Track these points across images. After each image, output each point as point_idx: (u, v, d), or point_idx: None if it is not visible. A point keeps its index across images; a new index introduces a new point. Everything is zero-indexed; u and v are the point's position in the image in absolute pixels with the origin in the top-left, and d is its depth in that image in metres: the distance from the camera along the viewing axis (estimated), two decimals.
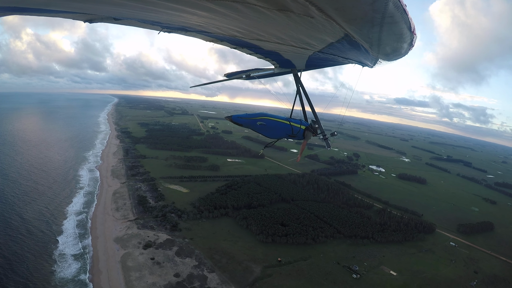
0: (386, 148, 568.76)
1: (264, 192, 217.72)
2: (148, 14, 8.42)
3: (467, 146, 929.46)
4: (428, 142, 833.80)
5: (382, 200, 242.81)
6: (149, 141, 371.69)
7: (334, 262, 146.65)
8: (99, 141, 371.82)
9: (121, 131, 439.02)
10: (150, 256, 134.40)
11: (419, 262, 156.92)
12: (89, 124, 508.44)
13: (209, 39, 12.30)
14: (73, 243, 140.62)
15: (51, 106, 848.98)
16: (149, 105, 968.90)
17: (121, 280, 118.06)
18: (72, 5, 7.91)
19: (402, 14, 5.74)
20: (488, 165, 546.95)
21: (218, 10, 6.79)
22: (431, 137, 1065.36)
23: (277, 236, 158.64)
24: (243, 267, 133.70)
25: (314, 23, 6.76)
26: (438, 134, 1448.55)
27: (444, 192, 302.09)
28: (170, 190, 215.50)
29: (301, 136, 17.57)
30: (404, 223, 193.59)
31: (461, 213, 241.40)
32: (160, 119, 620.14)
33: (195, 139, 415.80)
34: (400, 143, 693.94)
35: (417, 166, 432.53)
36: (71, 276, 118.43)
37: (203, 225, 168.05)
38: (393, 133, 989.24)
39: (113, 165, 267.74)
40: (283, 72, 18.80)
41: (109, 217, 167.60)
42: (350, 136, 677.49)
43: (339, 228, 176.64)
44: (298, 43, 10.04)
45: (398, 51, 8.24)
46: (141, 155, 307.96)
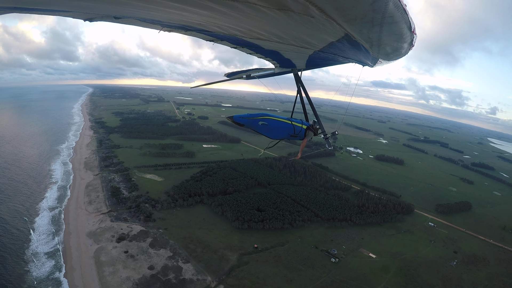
0: (364, 130, 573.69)
1: (240, 177, 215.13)
2: (149, 12, 8.34)
3: (443, 127, 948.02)
4: (405, 124, 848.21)
5: (360, 182, 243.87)
6: (124, 131, 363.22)
7: (312, 247, 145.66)
8: (72, 133, 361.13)
9: (95, 122, 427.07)
10: (124, 249, 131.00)
11: (399, 244, 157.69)
12: (63, 116, 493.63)
13: (210, 38, 12.05)
14: (46, 240, 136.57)
15: (24, 100, 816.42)
16: (124, 94, 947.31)
17: (95, 277, 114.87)
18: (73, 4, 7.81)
19: (402, 14, 5.72)
20: (465, 146, 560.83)
21: (219, 9, 6.68)
22: (408, 119, 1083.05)
23: (253, 222, 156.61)
24: (219, 255, 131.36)
25: (315, 23, 6.65)
26: (415, 116, 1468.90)
27: (421, 173, 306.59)
28: (144, 180, 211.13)
29: (302, 135, 17.78)
30: (382, 204, 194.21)
31: (439, 193, 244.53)
32: (135, 107, 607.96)
33: (170, 126, 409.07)
34: (378, 125, 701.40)
35: (394, 147, 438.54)
36: (45, 275, 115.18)
37: (177, 214, 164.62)
38: (371, 115, 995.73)
39: (86, 157, 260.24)
40: (284, 72, 18.42)
41: (82, 211, 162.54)
42: (328, 118, 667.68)
43: (317, 211, 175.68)
44: (299, 42, 10.03)
45: (399, 51, 8.22)
46: (115, 145, 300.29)
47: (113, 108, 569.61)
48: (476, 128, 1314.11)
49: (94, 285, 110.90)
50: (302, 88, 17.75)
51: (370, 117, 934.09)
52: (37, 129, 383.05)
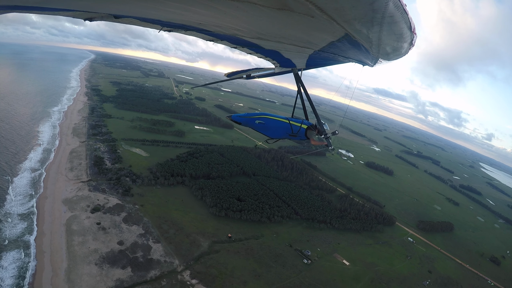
0: (359, 135, 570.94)
1: (226, 163, 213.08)
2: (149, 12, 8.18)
3: (438, 145, 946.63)
4: (401, 135, 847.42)
5: (346, 186, 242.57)
6: (118, 101, 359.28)
7: (287, 244, 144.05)
8: (66, 97, 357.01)
9: (91, 89, 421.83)
10: (97, 220, 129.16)
11: (374, 254, 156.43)
12: (60, 79, 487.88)
13: (210, 38, 11.92)
14: (22, 202, 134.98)
15: (24, 58, 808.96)
16: (126, 65, 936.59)
17: (63, 244, 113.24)
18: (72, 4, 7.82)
19: (402, 14, 5.65)
20: (456, 166, 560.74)
21: (219, 9, 6.76)
22: (404, 131, 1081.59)
23: (231, 211, 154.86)
24: (191, 240, 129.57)
25: (315, 22, 6.62)
26: (412, 129, 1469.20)
27: (409, 186, 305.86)
28: (130, 153, 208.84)
29: (303, 135, 17.35)
30: (364, 212, 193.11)
31: (423, 210, 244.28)
32: (134, 79, 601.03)
33: (166, 103, 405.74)
34: (373, 132, 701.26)
35: (386, 156, 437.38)
36: (15, 236, 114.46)
37: (156, 192, 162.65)
38: (368, 122, 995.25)
39: (75, 123, 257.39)
40: (284, 72, 18.02)
41: (61, 177, 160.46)
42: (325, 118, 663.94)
43: (297, 209, 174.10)
44: (299, 42, 9.99)
45: (399, 50, 7.99)
46: (106, 115, 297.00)
47: (112, 78, 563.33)
48: (469, 151, 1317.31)
49: (61, 253, 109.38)
50: (302, 87, 16.97)
51: (367, 123, 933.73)
52: (32, 89, 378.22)
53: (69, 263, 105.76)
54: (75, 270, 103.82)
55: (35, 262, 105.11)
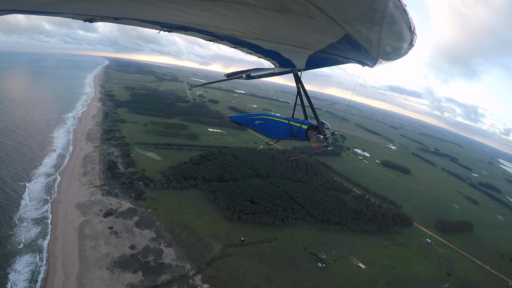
0: (374, 133, 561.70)
1: (239, 165, 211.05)
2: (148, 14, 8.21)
3: (455, 141, 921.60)
4: (417, 133, 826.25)
5: (362, 186, 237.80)
6: (132, 106, 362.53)
7: (301, 248, 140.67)
8: (81, 103, 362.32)
9: (105, 94, 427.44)
10: (109, 224, 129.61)
11: (391, 257, 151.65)
12: (75, 86, 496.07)
13: (209, 38, 11.76)
14: (36, 206, 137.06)
15: (39, 66, 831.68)
16: (139, 69, 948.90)
17: (75, 249, 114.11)
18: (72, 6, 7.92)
19: (402, 14, 5.72)
20: (474, 163, 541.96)
21: (218, 11, 6.77)
22: (421, 128, 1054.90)
23: (244, 214, 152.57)
24: (203, 243, 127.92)
25: (314, 24, 6.68)
26: (428, 126, 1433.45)
27: (426, 185, 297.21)
28: (143, 157, 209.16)
29: (303, 136, 17.43)
30: (381, 212, 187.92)
31: (441, 209, 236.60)
32: (147, 83, 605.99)
33: (179, 106, 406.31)
34: (389, 130, 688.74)
35: (403, 155, 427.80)
36: (29, 240, 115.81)
37: (169, 196, 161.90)
38: (384, 120, 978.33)
39: (89, 128, 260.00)
40: (283, 72, 18.05)
41: (75, 182, 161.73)
42: (340, 117, 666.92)
43: (312, 211, 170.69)
44: (298, 43, 10.07)
45: (398, 51, 8.18)
46: (120, 119, 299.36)
47: (126, 83, 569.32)
48: (488, 147, 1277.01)
49: (73, 257, 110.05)
50: (302, 88, 17.11)
51: (383, 121, 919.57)
52: (48, 96, 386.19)
53: (80, 267, 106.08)
54: (87, 274, 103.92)
55: (47, 266, 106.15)
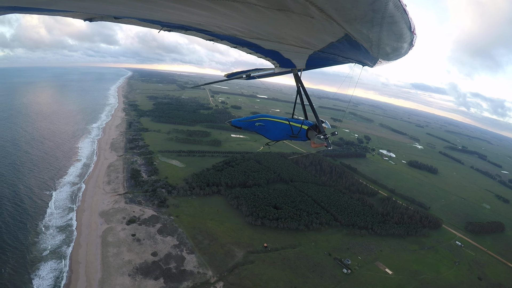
0: (400, 133, 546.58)
1: (263, 170, 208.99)
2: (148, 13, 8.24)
3: (483, 138, 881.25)
4: (444, 131, 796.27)
5: (388, 188, 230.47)
6: (155, 114, 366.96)
7: (325, 253, 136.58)
8: (105, 113, 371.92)
9: (128, 104, 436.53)
10: (132, 232, 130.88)
11: (419, 261, 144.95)
12: (99, 97, 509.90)
13: (209, 37, 11.75)
14: (61, 215, 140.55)
15: (64, 80, 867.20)
16: (162, 79, 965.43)
17: (98, 256, 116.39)
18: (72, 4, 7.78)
19: (402, 14, 5.72)
20: (504, 160, 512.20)
21: (218, 10, 6.74)
22: (447, 126, 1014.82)
23: (267, 219, 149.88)
24: (225, 250, 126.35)
25: (314, 23, 6.67)
26: (455, 123, 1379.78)
27: (455, 185, 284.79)
28: (166, 165, 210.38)
29: (304, 136, 17.44)
30: (408, 215, 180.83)
31: (471, 209, 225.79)
32: (170, 92, 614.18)
33: (202, 113, 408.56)
34: (415, 129, 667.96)
35: (429, 154, 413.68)
36: (54, 247, 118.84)
37: (192, 203, 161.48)
38: (409, 119, 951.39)
39: (113, 138, 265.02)
40: (283, 72, 18.20)
41: (99, 190, 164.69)
42: (364, 118, 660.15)
43: (337, 215, 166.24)
44: (298, 42, 9.99)
45: (398, 51, 8.25)
46: (143, 128, 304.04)
47: (149, 92, 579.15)
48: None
49: (96, 264, 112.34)
50: (302, 88, 17.45)
51: (408, 120, 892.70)
52: (73, 108, 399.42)
53: (103, 274, 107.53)
54: (109, 281, 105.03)
55: (70, 272, 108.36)
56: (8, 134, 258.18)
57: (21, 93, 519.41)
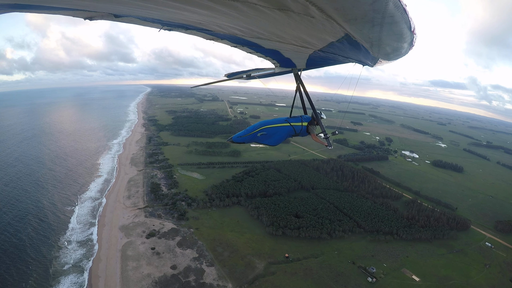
0: (422, 133, 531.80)
1: (283, 179, 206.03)
2: (148, 11, 8.19)
3: (508, 131, 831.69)
4: (467, 127, 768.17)
5: (413, 190, 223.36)
6: (174, 128, 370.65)
7: (349, 262, 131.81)
8: (125, 130, 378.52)
9: (148, 120, 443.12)
10: (151, 245, 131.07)
11: (448, 266, 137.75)
12: (119, 114, 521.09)
13: (210, 37, 11.87)
14: (82, 229, 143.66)
15: (85, 99, 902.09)
16: (180, 93, 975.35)
17: (118, 269, 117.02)
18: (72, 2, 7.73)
19: (402, 14, 5.77)
20: None
21: (219, 9, 6.76)
22: (470, 121, 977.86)
23: (289, 229, 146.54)
24: (246, 262, 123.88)
25: (315, 23, 6.74)
26: (477, 118, 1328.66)
27: (482, 182, 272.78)
28: (185, 177, 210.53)
29: (305, 132, 17.76)
30: (435, 217, 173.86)
31: (500, 207, 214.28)
32: (189, 106, 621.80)
33: (221, 125, 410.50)
34: (437, 127, 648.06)
35: (454, 152, 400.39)
36: (74, 262, 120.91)
37: (212, 214, 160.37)
38: (430, 117, 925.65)
39: (133, 153, 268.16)
40: (284, 72, 18.35)
41: (119, 205, 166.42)
42: (384, 119, 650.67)
43: (360, 221, 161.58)
44: (299, 42, 10.04)
45: (399, 50, 8.31)
46: (163, 142, 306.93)
47: (168, 107, 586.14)
48: None
49: (115, 278, 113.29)
50: (302, 87, 17.71)
51: (429, 118, 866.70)
52: (94, 125, 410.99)
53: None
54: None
55: (90, 286, 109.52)
56: (32, 152, 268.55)
57: (44, 113, 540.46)
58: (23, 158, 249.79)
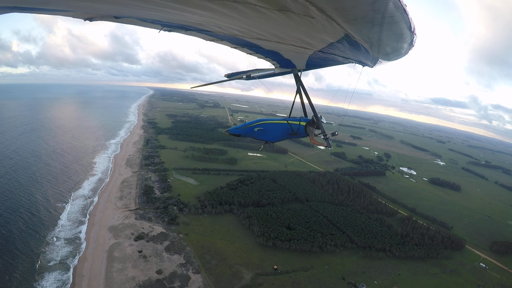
0: (421, 150, 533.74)
1: (278, 190, 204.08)
2: (148, 12, 8.25)
3: (507, 151, 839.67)
4: (466, 146, 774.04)
5: (409, 207, 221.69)
6: (173, 132, 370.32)
7: (339, 277, 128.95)
8: (124, 130, 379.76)
9: (147, 122, 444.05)
10: (139, 248, 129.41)
11: (441, 286, 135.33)
12: (120, 114, 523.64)
13: (210, 38, 11.90)
14: (71, 227, 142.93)
15: (88, 97, 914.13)
16: (182, 98, 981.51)
17: (103, 270, 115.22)
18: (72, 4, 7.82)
19: (402, 14, 5.71)
20: None
21: (219, 10, 6.77)
22: (469, 140, 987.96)
23: (279, 240, 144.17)
24: (233, 271, 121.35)
25: (314, 23, 6.71)
26: (477, 137, 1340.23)
27: (479, 202, 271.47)
28: (179, 182, 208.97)
29: (303, 132, 17.52)
30: (429, 236, 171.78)
31: (496, 228, 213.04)
32: (190, 111, 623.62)
33: (219, 132, 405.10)
34: (436, 145, 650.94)
35: (452, 170, 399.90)
36: (60, 259, 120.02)
37: (202, 221, 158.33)
38: (430, 134, 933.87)
39: (130, 154, 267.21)
40: (284, 72, 17.89)
41: (110, 205, 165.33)
42: (384, 135, 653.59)
43: (353, 236, 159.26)
44: (299, 43, 10.06)
45: (398, 51, 8.21)
46: (160, 146, 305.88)
47: (168, 111, 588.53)
48: None
49: (99, 278, 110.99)
50: (302, 88, 16.97)
51: (429, 136, 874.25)
52: (94, 124, 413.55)
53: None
54: None
55: (73, 285, 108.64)
56: (31, 146, 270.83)
57: (45, 108, 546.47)
58: (20, 151, 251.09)
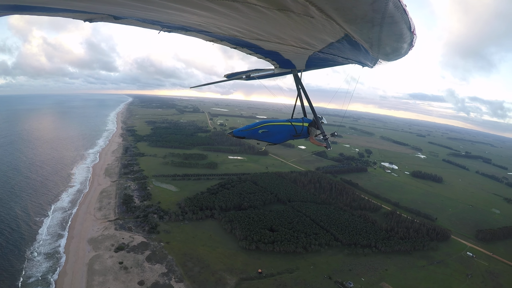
0: (401, 144, 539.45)
1: (259, 192, 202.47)
2: (148, 13, 8.29)
3: (486, 141, 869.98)
4: (445, 138, 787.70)
5: (392, 202, 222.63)
6: (152, 139, 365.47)
7: (325, 277, 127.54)
8: (102, 139, 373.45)
9: (126, 130, 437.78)
10: (119, 260, 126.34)
11: (429, 278, 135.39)
12: (98, 123, 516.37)
13: (209, 38, 12.05)
14: (50, 241, 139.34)
15: (66, 107, 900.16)
16: (161, 104, 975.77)
17: (83, 284, 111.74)
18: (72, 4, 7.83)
19: (402, 14, 5.82)
20: (509, 161, 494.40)
21: (218, 10, 6.81)
22: (449, 133, 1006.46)
23: (262, 243, 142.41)
24: (216, 278, 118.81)
25: (314, 23, 6.78)
26: (456, 129, 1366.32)
27: (461, 192, 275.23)
28: (159, 189, 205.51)
29: (305, 133, 17.84)
30: (414, 229, 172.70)
31: (480, 216, 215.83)
32: (169, 117, 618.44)
33: (199, 136, 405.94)
34: (417, 139, 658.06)
35: (433, 163, 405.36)
36: (39, 275, 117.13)
37: (183, 228, 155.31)
38: (410, 129, 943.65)
39: (108, 163, 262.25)
40: (283, 73, 18.24)
41: (89, 217, 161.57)
42: (364, 132, 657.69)
43: (337, 234, 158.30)
44: (298, 43, 10.11)
45: (398, 51, 8.32)
46: (139, 153, 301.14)
47: (147, 117, 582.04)
48: None
49: None
50: (302, 89, 17.50)
51: (409, 131, 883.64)
52: (73, 134, 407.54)
53: None
54: None
55: None
56: (9, 159, 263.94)
57: (23, 119, 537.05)
58: None
